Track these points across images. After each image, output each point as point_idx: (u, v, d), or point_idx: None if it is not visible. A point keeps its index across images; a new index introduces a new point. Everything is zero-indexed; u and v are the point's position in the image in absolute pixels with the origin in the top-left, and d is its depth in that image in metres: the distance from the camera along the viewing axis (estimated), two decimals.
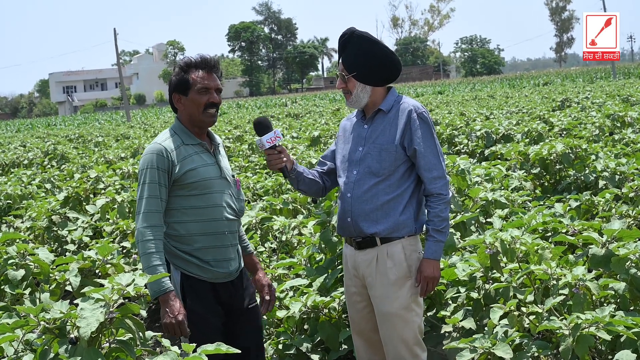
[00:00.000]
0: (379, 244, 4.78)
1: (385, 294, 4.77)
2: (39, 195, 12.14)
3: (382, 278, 4.78)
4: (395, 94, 4.90)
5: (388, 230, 4.73)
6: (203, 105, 4.65)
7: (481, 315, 5.53)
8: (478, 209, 7.28)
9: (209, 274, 4.64)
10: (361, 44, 4.77)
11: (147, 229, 4.45)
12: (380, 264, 4.78)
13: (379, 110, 4.85)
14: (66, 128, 57.27)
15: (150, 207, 4.49)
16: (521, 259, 5.32)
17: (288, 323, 6.27)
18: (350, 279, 5.00)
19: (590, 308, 4.79)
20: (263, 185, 11.23)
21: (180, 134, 4.69)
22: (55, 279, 6.27)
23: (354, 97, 4.83)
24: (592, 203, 7.62)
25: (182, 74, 4.72)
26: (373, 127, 4.84)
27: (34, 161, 20.08)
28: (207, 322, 4.62)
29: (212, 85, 4.69)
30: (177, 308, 4.35)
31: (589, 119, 17.28)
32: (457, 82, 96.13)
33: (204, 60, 4.73)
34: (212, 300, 4.67)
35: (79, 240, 8.97)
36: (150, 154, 4.56)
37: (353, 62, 4.78)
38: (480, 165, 9.45)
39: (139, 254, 4.48)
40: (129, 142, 23.37)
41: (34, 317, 3.54)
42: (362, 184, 4.78)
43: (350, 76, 4.79)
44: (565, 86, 52.44)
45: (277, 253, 7.99)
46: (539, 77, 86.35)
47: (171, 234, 4.61)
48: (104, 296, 3.48)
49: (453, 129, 17.70)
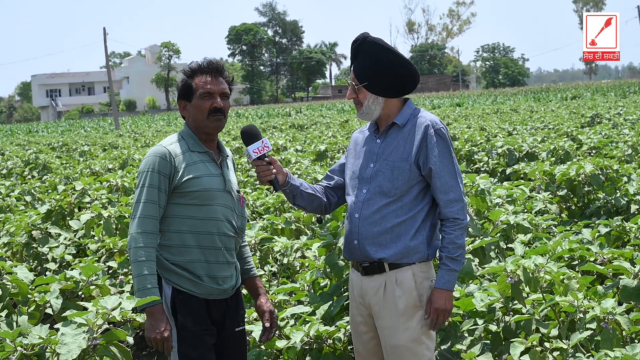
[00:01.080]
0: (387, 270, 4.75)
1: (394, 325, 4.73)
2: (18, 209, 12.15)
3: (390, 307, 4.74)
4: (412, 106, 4.88)
5: (397, 255, 4.70)
6: (206, 110, 4.73)
7: (500, 350, 5.52)
8: (498, 233, 7.26)
9: (201, 289, 4.71)
10: (374, 51, 4.76)
11: (140, 235, 4.53)
12: (388, 292, 4.75)
13: (393, 124, 4.82)
14: (49, 135, 57.40)
15: (147, 212, 4.58)
16: (545, 289, 5.31)
17: (288, 354, 6.25)
18: (356, 308, 4.97)
19: (620, 345, 4.78)
20: (263, 203, 11.21)
21: (187, 140, 4.79)
22: (35, 301, 6.25)
23: (365, 108, 4.82)
24: (623, 229, 7.59)
25: (187, 79, 4.81)
26: (386, 142, 4.81)
27: (13, 171, 20.08)
28: (200, 340, 4.68)
29: (216, 90, 4.76)
30: (164, 323, 4.44)
31: (621, 137, 17.28)
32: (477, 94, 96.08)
33: (208, 64, 4.81)
34: (204, 317, 4.73)
35: (60, 258, 8.95)
36: (153, 156, 4.65)
37: (365, 71, 4.77)
38: (501, 186, 9.45)
39: (130, 261, 4.55)
40: (117, 152, 23.39)
41: (11, 342, 3.55)
42: (371, 204, 4.75)
43: (361, 86, 4.78)
44: (596, 101, 52.40)
45: (278, 277, 7.99)
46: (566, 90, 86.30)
47: (164, 244, 4.69)
48: (87, 320, 3.48)
49: (472, 145, 17.69)
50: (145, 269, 4.48)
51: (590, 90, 79.16)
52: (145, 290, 4.43)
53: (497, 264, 5.73)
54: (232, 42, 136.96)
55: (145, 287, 4.45)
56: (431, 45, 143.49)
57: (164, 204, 4.65)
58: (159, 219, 4.64)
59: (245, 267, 5.14)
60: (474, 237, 6.86)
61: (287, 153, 19.31)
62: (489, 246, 6.74)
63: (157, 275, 4.64)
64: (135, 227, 4.57)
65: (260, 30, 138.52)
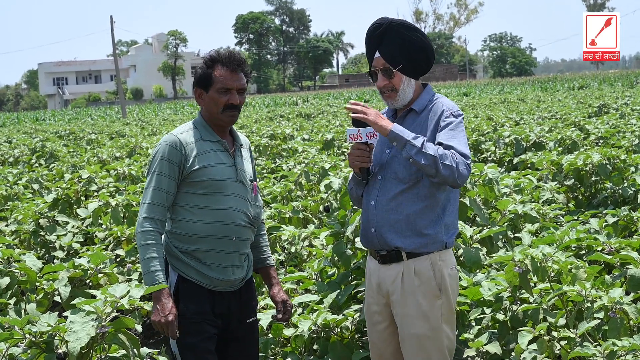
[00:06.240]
0: (404, 259, 4.70)
1: (413, 313, 4.68)
2: (26, 197, 12.14)
3: (408, 296, 4.69)
4: (431, 92, 4.84)
5: (415, 245, 4.66)
6: (222, 105, 4.76)
7: (508, 339, 5.52)
8: (506, 223, 7.26)
9: (207, 280, 4.74)
10: (404, 33, 4.70)
11: (147, 220, 4.62)
12: (406, 281, 4.70)
13: (410, 110, 4.78)
14: (56, 123, 57.35)
15: (155, 199, 4.65)
16: (553, 278, 5.30)
17: (296, 342, 6.26)
18: (372, 297, 4.92)
19: (627, 334, 4.78)
20: (271, 192, 11.23)
21: (200, 129, 4.82)
22: (43, 289, 6.27)
23: (401, 93, 4.73)
24: (630, 219, 7.59)
25: (206, 68, 4.81)
26: (404, 127, 4.65)
27: (20, 159, 20.09)
28: (199, 328, 4.71)
29: (234, 85, 4.77)
30: (169, 307, 4.48)
31: (628, 127, 17.23)
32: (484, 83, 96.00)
33: (230, 57, 4.80)
34: (207, 306, 4.75)
35: (68, 246, 8.96)
36: (163, 144, 4.71)
37: (398, 54, 4.70)
38: (509, 175, 9.42)
39: (137, 245, 4.63)
40: (124, 141, 23.34)
41: (19, 329, 3.55)
42: (386, 191, 4.71)
43: (396, 70, 4.70)
44: (603, 90, 52.26)
45: (285, 266, 7.99)
46: (574, 79, 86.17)
47: (174, 232, 4.75)
48: (95, 308, 3.49)
49: (479, 134, 17.69)
50: (149, 252, 4.55)
51: (598, 80, 78.98)
52: (150, 273, 4.51)
53: (505, 254, 5.72)
54: (239, 31, 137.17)
55: (149, 270, 4.52)
56: (438, 35, 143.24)
57: (173, 191, 4.69)
58: (167, 206, 4.69)
59: (262, 256, 5.16)
60: (481, 226, 6.85)
61: (294, 142, 19.30)
62: (497, 236, 6.73)
63: (165, 261, 4.70)
64: (143, 212, 4.65)
65: (267, 18, 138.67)
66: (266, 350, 6.36)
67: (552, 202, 9.33)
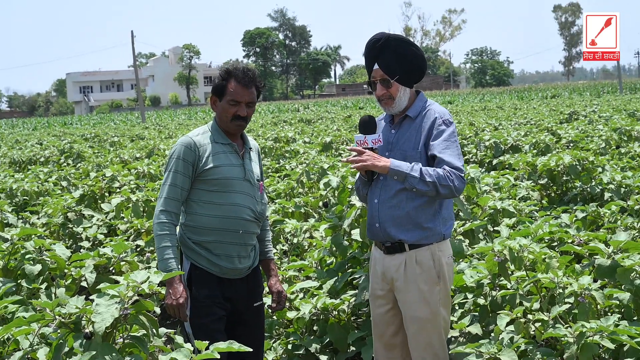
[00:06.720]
0: (407, 250, 4.73)
1: (415, 299, 4.72)
2: (55, 193, 12.14)
3: (411, 283, 4.73)
4: (424, 99, 4.86)
5: (416, 237, 4.69)
6: (231, 115, 4.80)
7: (488, 321, 5.53)
8: (486, 217, 7.26)
9: (217, 268, 4.78)
10: (400, 46, 4.75)
11: (163, 213, 4.69)
12: (408, 269, 4.73)
13: (406, 117, 4.80)
14: (82, 127, 57.32)
15: (170, 194, 4.70)
16: (528, 267, 5.31)
17: (298, 324, 6.28)
18: (377, 283, 4.95)
19: (595, 317, 4.79)
20: (275, 189, 11.25)
21: (213, 132, 4.86)
22: (71, 275, 6.32)
23: (397, 101, 4.76)
24: (598, 214, 7.61)
25: (222, 80, 4.84)
26: (400, 132, 4.78)
27: (50, 159, 20.05)
28: (210, 311, 4.75)
29: (244, 99, 4.80)
30: (180, 291, 4.55)
31: (596, 132, 17.21)
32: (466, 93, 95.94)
33: (243, 73, 4.82)
34: (217, 291, 4.79)
35: (93, 237, 8.98)
36: (180, 145, 4.76)
37: (394, 66, 4.73)
38: (489, 175, 9.43)
39: (154, 235, 4.70)
40: (143, 143, 23.34)
41: (50, 311, 3.55)
42: (388, 189, 4.73)
43: (394, 80, 4.72)
44: (573, 99, 52.26)
45: (288, 255, 8.01)
46: (547, 89, 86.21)
47: (188, 224, 4.80)
48: (119, 293, 3.49)
49: (462, 138, 17.68)
50: (164, 241, 4.62)
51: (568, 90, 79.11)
52: (163, 260, 4.58)
53: (485, 245, 5.73)
54: (246, 45, 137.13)
55: (163, 257, 4.59)
56: (426, 49, 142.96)
57: (188, 187, 4.73)
58: (182, 200, 4.74)
59: (264, 249, 5.18)
60: (464, 220, 6.86)
61: (296, 144, 19.28)
62: (478, 229, 6.74)
63: (180, 250, 4.77)
64: (159, 205, 4.71)
65: (272, 34, 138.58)
66: (271, 330, 6.38)
67: (527, 199, 9.33)
